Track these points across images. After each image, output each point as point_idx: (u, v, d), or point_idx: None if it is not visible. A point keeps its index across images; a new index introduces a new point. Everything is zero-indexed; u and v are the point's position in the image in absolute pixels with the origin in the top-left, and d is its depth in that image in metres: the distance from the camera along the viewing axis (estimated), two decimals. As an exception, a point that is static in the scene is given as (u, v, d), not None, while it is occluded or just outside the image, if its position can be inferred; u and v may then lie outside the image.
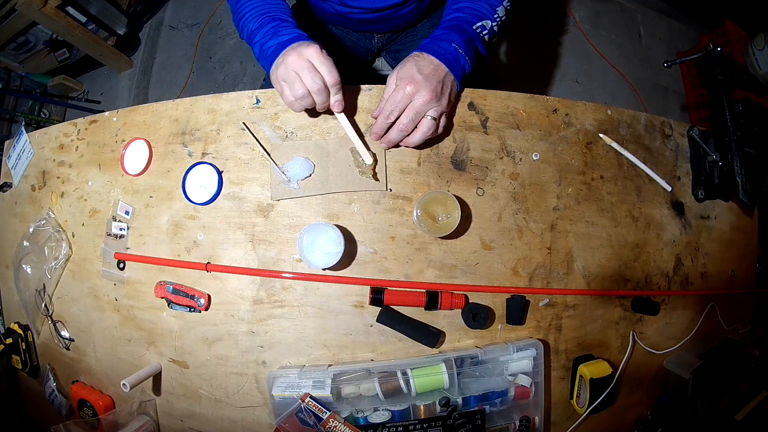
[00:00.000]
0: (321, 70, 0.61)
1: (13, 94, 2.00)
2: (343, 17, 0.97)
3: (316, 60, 0.61)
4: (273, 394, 0.66)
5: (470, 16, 0.74)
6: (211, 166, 0.71)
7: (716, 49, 0.80)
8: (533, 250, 0.73)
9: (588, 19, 2.19)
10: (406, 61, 0.66)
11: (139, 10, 2.15)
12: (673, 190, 0.81)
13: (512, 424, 0.71)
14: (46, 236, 0.80)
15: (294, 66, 0.61)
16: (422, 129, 0.65)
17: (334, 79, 0.61)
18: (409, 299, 0.68)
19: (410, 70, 0.64)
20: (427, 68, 0.65)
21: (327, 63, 0.61)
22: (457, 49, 0.68)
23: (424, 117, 0.64)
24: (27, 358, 0.85)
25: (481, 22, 0.73)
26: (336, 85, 0.62)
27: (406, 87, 0.63)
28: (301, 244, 0.65)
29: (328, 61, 0.62)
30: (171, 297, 0.71)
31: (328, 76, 0.61)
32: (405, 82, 0.63)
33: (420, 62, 0.65)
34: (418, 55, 0.67)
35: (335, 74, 0.61)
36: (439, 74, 0.65)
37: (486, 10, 0.75)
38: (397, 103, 0.63)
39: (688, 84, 2.13)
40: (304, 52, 0.61)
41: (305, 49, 0.62)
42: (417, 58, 0.66)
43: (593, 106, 0.79)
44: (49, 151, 0.85)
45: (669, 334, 0.82)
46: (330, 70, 0.61)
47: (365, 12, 0.93)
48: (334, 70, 0.61)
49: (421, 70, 0.64)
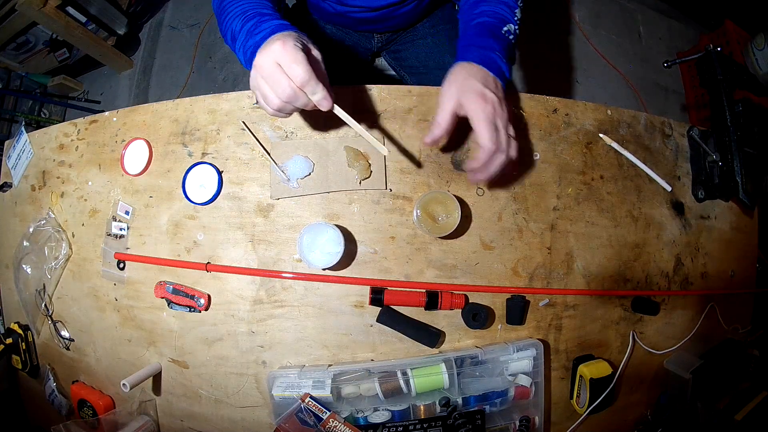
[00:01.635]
0: (287, 72, 0.51)
1: (13, 94, 2.00)
2: (343, 17, 0.97)
3: (282, 58, 0.51)
4: (273, 394, 0.66)
5: (498, 20, 0.71)
6: (211, 166, 0.71)
7: (716, 49, 0.80)
8: (533, 250, 0.73)
9: (588, 19, 2.19)
10: (461, 75, 0.62)
11: (139, 10, 2.15)
12: (673, 190, 0.81)
13: (512, 424, 0.71)
14: (46, 236, 0.80)
15: (260, 70, 0.53)
16: (515, 150, 0.61)
17: (301, 78, 0.51)
18: (409, 299, 0.68)
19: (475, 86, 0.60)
20: (490, 83, 0.62)
21: (289, 58, 0.51)
22: (500, 57, 0.65)
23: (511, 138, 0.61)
24: (27, 358, 0.85)
25: (507, 26, 0.71)
26: (306, 83, 0.51)
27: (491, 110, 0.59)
28: (301, 244, 0.65)
29: (292, 55, 0.51)
30: (171, 297, 0.71)
31: (295, 76, 0.51)
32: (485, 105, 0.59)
33: (477, 75, 0.61)
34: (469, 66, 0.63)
35: (300, 72, 0.50)
36: (499, 86, 0.63)
37: (508, 14, 0.72)
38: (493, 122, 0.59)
39: (688, 84, 2.13)
40: (268, 52, 0.52)
41: (269, 47, 0.52)
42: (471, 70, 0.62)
43: (593, 106, 0.79)
44: (49, 151, 0.85)
45: (669, 334, 0.82)
46: (295, 69, 0.50)
47: (364, 11, 0.93)
48: (299, 66, 0.50)
49: (487, 85, 0.61)
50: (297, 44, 0.52)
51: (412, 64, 1.08)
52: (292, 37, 0.53)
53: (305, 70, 0.51)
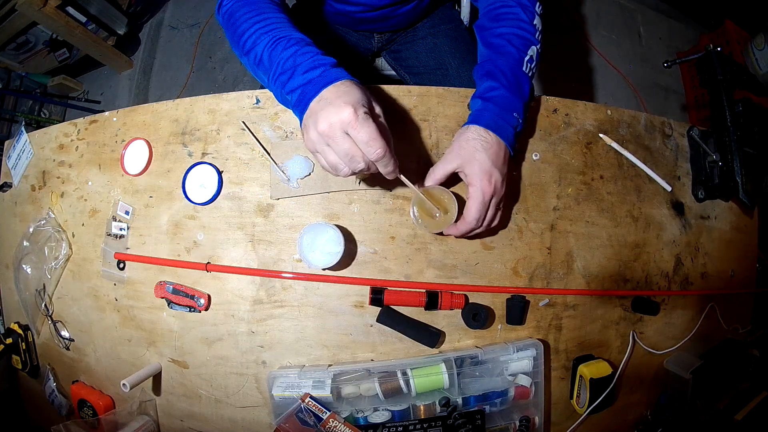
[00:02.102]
0: (365, 149, 0.49)
1: (13, 94, 2.00)
2: (343, 16, 0.97)
3: (355, 132, 0.48)
4: (273, 394, 0.66)
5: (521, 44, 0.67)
6: (211, 166, 0.71)
7: (716, 49, 0.80)
8: (533, 250, 0.73)
9: (588, 19, 2.19)
10: (476, 144, 0.61)
11: (139, 10, 2.15)
12: (673, 190, 0.81)
13: (512, 424, 0.71)
14: (46, 236, 0.80)
15: (327, 138, 0.49)
16: (496, 220, 0.64)
17: (376, 155, 0.49)
18: (409, 299, 0.68)
19: (485, 163, 0.60)
20: (497, 156, 0.61)
21: (366, 136, 0.48)
22: (516, 118, 0.64)
23: None
24: (27, 358, 0.85)
25: (529, 55, 0.67)
26: (381, 159, 0.49)
27: (487, 185, 0.60)
28: (301, 244, 0.65)
29: (371, 130, 0.48)
30: (171, 297, 0.71)
31: (371, 154, 0.49)
32: (485, 179, 0.59)
33: (489, 148, 0.61)
34: (486, 136, 0.61)
35: (376, 149, 0.48)
36: (505, 156, 0.63)
37: (529, 29, 0.68)
38: (484, 205, 0.60)
39: (688, 84, 2.13)
40: (339, 116, 0.48)
41: (336, 113, 0.48)
42: (485, 141, 0.61)
43: (593, 106, 0.79)
44: (49, 151, 0.85)
45: (669, 334, 0.82)
46: (370, 146, 0.48)
47: (364, 10, 0.93)
48: (375, 143, 0.48)
49: (494, 161, 0.60)
50: (367, 111, 0.49)
51: (412, 64, 1.08)
52: (359, 99, 0.50)
53: (383, 146, 0.49)
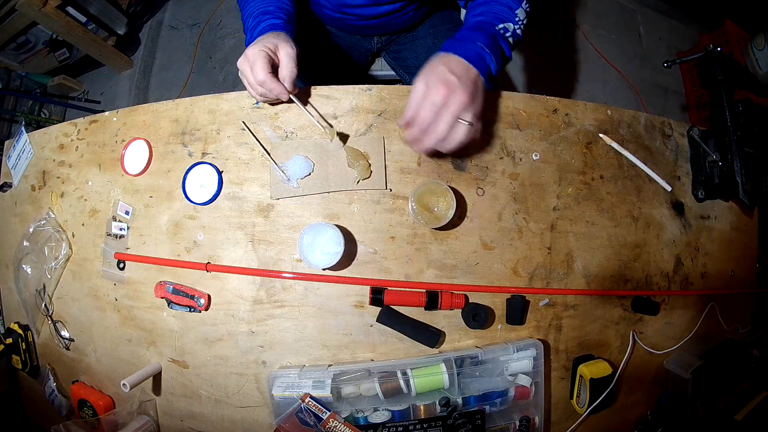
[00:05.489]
0: (252, 73, 0.64)
1: (13, 94, 2.00)
2: (341, 22, 0.98)
3: (250, 60, 0.63)
4: (273, 394, 0.66)
5: (492, 18, 0.71)
6: (211, 166, 0.71)
7: (716, 49, 0.80)
8: (533, 250, 0.73)
9: (588, 19, 2.19)
10: (434, 63, 0.62)
11: (139, 10, 2.15)
12: (673, 190, 0.81)
13: (512, 424, 0.71)
14: (46, 236, 0.80)
15: (240, 67, 0.66)
16: (459, 135, 0.60)
17: (259, 79, 0.63)
18: (409, 299, 0.68)
19: (441, 71, 0.60)
20: (459, 68, 0.60)
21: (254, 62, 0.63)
22: (483, 48, 0.64)
23: (460, 122, 0.60)
24: (27, 358, 0.85)
25: (503, 24, 0.70)
26: (263, 82, 0.63)
27: (440, 89, 0.58)
28: (301, 244, 0.65)
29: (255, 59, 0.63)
30: (171, 297, 0.71)
31: (256, 77, 0.63)
32: (440, 84, 0.58)
33: (450, 62, 0.61)
34: (446, 55, 0.62)
35: (258, 73, 0.62)
36: (471, 74, 0.61)
37: (507, 13, 0.71)
38: (432, 107, 0.59)
39: (688, 84, 2.13)
40: (246, 52, 0.64)
41: (249, 48, 0.64)
42: (445, 58, 0.62)
43: (593, 106, 0.79)
44: (49, 151, 0.85)
45: (669, 334, 0.82)
46: (256, 70, 0.62)
47: (362, 19, 0.93)
48: (258, 69, 0.62)
49: (453, 70, 0.60)
50: (263, 49, 0.63)
51: (412, 64, 1.08)
52: (265, 41, 0.65)
53: (258, 73, 0.63)
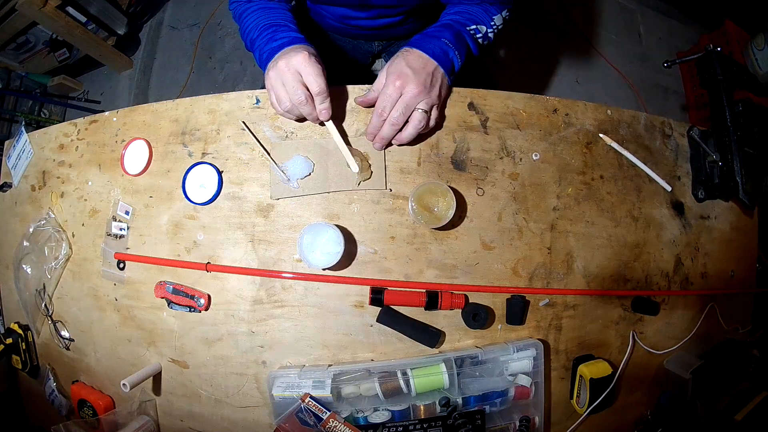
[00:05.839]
0: (307, 81, 0.61)
1: (13, 94, 2.00)
2: (342, 30, 0.98)
3: (303, 69, 0.61)
4: (273, 394, 0.66)
5: (465, 19, 0.74)
6: (211, 166, 0.71)
7: (716, 49, 0.80)
8: (533, 250, 0.73)
9: (588, 19, 2.19)
10: (396, 56, 0.67)
11: (139, 10, 2.15)
12: (673, 190, 0.81)
13: (512, 424, 0.71)
14: (46, 236, 0.80)
15: (282, 74, 0.62)
16: (413, 122, 0.65)
17: (319, 88, 0.61)
18: (409, 299, 0.68)
19: (399, 65, 0.64)
20: (416, 62, 0.65)
21: (313, 71, 0.60)
22: (447, 44, 0.68)
23: (415, 110, 0.64)
24: (27, 358, 0.85)
25: (475, 26, 0.74)
26: (321, 94, 0.61)
27: (395, 81, 0.63)
28: (301, 244, 0.65)
29: (315, 68, 0.61)
30: (171, 297, 0.71)
31: (313, 85, 0.61)
32: (394, 76, 0.63)
33: (408, 57, 0.65)
34: (407, 50, 0.67)
35: (320, 83, 0.61)
36: (428, 68, 0.65)
37: (483, 16, 0.75)
38: (388, 97, 0.63)
39: (688, 84, 2.13)
40: (292, 60, 0.61)
41: (293, 56, 0.61)
42: (406, 53, 0.66)
43: (593, 106, 0.79)
44: (49, 151, 0.85)
45: (669, 334, 0.82)
46: (315, 79, 0.60)
47: (363, 29, 0.94)
48: (319, 78, 0.61)
49: (410, 64, 0.64)
50: (317, 59, 0.62)
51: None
52: (311, 52, 0.63)
53: (324, 82, 0.61)
